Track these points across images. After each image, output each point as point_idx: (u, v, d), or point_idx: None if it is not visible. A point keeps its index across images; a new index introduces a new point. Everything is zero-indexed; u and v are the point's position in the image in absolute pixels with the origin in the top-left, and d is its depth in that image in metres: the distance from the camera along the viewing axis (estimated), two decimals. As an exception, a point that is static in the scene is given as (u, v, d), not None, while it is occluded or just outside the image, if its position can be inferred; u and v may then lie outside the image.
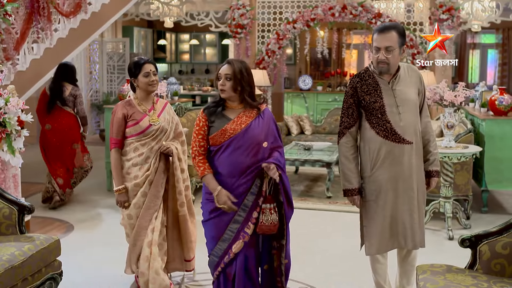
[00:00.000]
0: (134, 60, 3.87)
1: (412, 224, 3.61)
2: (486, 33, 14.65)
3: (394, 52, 3.46)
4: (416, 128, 3.59)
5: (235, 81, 3.33)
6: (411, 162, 3.57)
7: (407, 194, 3.58)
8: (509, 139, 6.32)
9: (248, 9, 10.01)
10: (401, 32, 3.51)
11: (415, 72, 3.66)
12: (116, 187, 3.82)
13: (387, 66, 3.49)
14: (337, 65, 14.11)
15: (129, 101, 3.90)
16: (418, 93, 3.64)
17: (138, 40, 13.81)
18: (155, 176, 3.82)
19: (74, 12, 8.03)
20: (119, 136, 3.82)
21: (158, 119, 3.87)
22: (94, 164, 9.09)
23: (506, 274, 3.23)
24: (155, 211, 3.83)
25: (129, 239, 3.96)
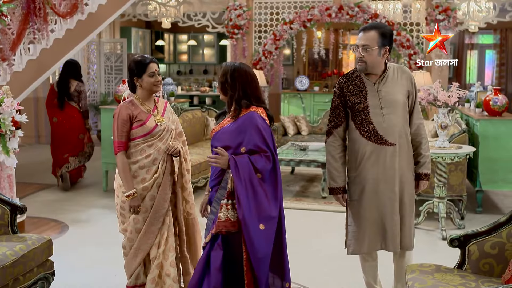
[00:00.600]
0: (138, 59, 3.69)
1: (392, 226, 3.59)
2: (484, 33, 14.68)
3: (372, 51, 3.46)
4: (401, 130, 3.56)
5: (220, 85, 3.43)
6: (394, 164, 3.56)
7: (387, 196, 3.58)
8: (503, 139, 6.34)
9: (245, 9, 10.03)
10: (383, 33, 3.49)
11: (405, 74, 3.62)
12: (128, 192, 3.58)
13: (364, 64, 3.51)
14: (335, 65, 14.14)
15: (132, 101, 3.71)
16: (408, 95, 3.59)
17: (136, 40, 13.83)
18: (163, 178, 3.68)
19: (70, 13, 8.04)
20: (125, 139, 3.62)
21: (163, 118, 3.74)
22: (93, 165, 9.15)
23: (494, 273, 3.24)
24: (163, 214, 3.69)
25: (131, 244, 3.72)
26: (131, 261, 3.74)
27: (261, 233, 3.24)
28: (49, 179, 8.15)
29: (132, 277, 3.76)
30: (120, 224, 3.79)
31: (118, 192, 3.72)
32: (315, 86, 10.87)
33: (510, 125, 6.35)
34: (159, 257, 3.68)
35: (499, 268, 3.24)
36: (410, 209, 3.66)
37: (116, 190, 3.75)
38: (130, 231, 3.71)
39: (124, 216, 3.73)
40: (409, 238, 3.66)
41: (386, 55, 3.53)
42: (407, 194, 3.63)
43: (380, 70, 3.56)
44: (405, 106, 3.59)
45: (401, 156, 3.57)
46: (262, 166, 3.27)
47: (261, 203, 3.25)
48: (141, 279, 3.76)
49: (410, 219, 3.66)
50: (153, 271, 3.67)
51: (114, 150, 3.65)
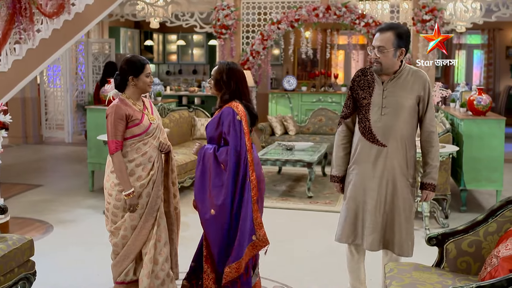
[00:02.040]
0: (135, 59, 3.74)
1: (371, 225, 3.62)
2: (471, 33, 14.77)
3: (387, 53, 3.47)
4: (397, 133, 3.54)
5: (215, 82, 3.70)
6: (381, 165, 3.57)
7: (369, 194, 3.61)
8: (487, 138, 6.39)
9: (232, 9, 10.04)
10: (399, 34, 3.48)
11: (420, 79, 3.55)
12: (127, 191, 3.63)
13: (379, 65, 3.52)
14: (323, 65, 14.17)
15: (124, 100, 3.73)
16: (419, 100, 3.55)
17: (124, 40, 13.80)
18: (157, 175, 3.76)
19: (57, 13, 8.02)
20: (120, 138, 3.65)
21: (154, 117, 3.82)
22: (80, 165, 9.14)
23: (471, 271, 3.28)
24: (156, 210, 3.76)
25: (124, 242, 3.76)
26: (124, 258, 3.77)
27: (211, 217, 3.59)
28: (35, 180, 8.13)
29: (122, 274, 3.79)
30: (110, 223, 3.80)
31: (111, 191, 3.72)
32: (302, 86, 10.88)
33: (493, 124, 6.40)
34: (150, 252, 3.72)
35: (476, 266, 3.27)
36: (405, 214, 3.64)
37: (109, 189, 3.73)
38: (125, 229, 3.73)
39: (116, 215, 3.75)
40: (406, 244, 3.66)
41: (402, 57, 3.52)
42: (401, 198, 3.61)
43: (390, 70, 3.56)
44: (411, 110, 3.54)
45: (392, 158, 3.56)
46: (223, 159, 3.57)
47: (214, 190, 3.58)
48: (130, 276, 3.80)
49: (407, 225, 3.65)
50: (147, 266, 3.71)
51: (109, 150, 3.65)
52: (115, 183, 3.70)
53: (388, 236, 3.67)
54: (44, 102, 12.11)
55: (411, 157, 3.61)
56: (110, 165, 3.77)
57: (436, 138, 3.62)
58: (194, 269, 3.87)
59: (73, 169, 9.04)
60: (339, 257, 4.63)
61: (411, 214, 3.70)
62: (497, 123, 6.39)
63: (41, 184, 7.84)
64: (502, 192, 6.58)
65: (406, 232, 3.65)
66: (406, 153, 3.58)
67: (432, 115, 3.59)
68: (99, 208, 6.57)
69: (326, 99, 10.43)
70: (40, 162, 9.84)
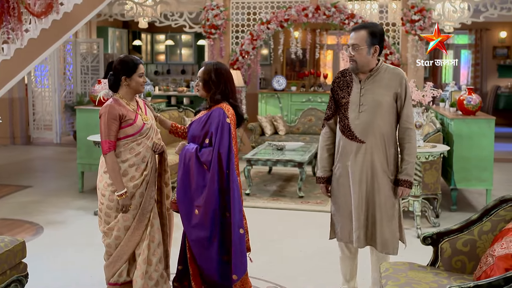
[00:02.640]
0: (128, 59, 3.71)
1: (356, 222, 3.65)
2: (459, 33, 14.85)
3: (361, 50, 3.54)
4: (376, 130, 3.59)
5: (204, 83, 3.69)
6: (361, 161, 3.61)
7: (354, 190, 3.66)
8: (477, 138, 6.42)
9: (222, 9, 10.03)
10: (372, 32, 3.56)
11: (397, 76, 3.61)
12: (119, 192, 3.61)
13: (355, 63, 3.59)
14: (312, 65, 14.19)
15: (118, 100, 3.71)
16: (397, 97, 3.60)
17: (113, 40, 13.73)
18: (150, 175, 3.75)
19: (45, 13, 7.97)
20: (114, 138, 3.64)
21: (147, 117, 3.80)
22: (69, 166, 9.07)
23: (466, 270, 3.29)
24: (150, 211, 3.74)
25: (118, 242, 3.73)
26: (117, 259, 3.74)
27: (194, 217, 3.61)
28: (24, 181, 8.06)
29: (115, 275, 3.76)
30: (103, 224, 3.76)
31: (104, 191, 3.69)
32: (292, 86, 10.89)
33: (483, 124, 6.44)
34: (143, 252, 3.70)
35: (471, 265, 3.28)
36: (387, 212, 3.65)
37: (102, 189, 3.69)
38: (118, 229, 3.70)
39: (109, 215, 3.72)
40: (389, 242, 3.67)
41: (376, 54, 3.58)
42: (382, 195, 3.64)
43: (366, 68, 3.61)
44: (388, 107, 3.59)
45: (370, 154, 3.60)
46: (205, 159, 3.59)
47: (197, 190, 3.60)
48: (124, 277, 3.78)
49: (389, 222, 3.66)
50: (140, 267, 3.69)
51: (102, 150, 3.63)
52: (108, 184, 3.68)
53: (371, 233, 3.69)
54: (32, 102, 12.01)
55: (392, 154, 3.65)
56: (103, 165, 3.74)
57: (413, 135, 3.65)
58: (183, 272, 3.85)
59: (62, 169, 8.97)
60: (332, 256, 4.63)
61: (394, 211, 3.70)
62: (487, 123, 6.43)
63: (30, 185, 7.77)
64: (492, 191, 6.62)
65: (389, 230, 3.66)
66: (386, 150, 3.62)
67: (409, 112, 3.63)
68: (89, 209, 6.53)
69: (315, 99, 10.44)
70: (28, 162, 9.76)
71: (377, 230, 3.66)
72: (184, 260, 3.81)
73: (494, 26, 14.46)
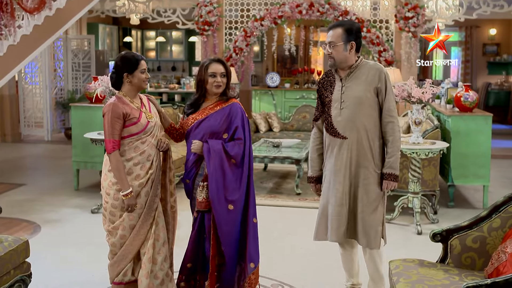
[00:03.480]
0: (129, 55, 3.65)
1: (334, 217, 3.66)
2: (449, 30, 14.90)
3: (337, 47, 3.59)
4: (358, 125, 3.61)
5: (227, 79, 3.73)
6: (345, 157, 3.64)
7: (336, 187, 3.67)
8: (474, 135, 6.45)
9: (215, 6, 9.97)
10: (348, 29, 3.62)
11: (375, 71, 3.64)
12: (125, 191, 3.56)
13: (333, 60, 3.64)
14: (304, 62, 14.18)
15: (121, 98, 3.65)
16: (377, 92, 3.62)
17: (103, 37, 13.62)
18: (156, 174, 3.70)
19: (38, 9, 7.86)
20: (118, 137, 3.58)
21: (152, 114, 3.73)
22: (62, 163, 8.99)
23: (476, 267, 3.30)
24: (154, 209, 3.70)
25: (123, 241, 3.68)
26: (122, 259, 3.69)
27: (228, 212, 3.61)
28: (17, 179, 7.97)
29: (120, 274, 3.71)
30: (108, 223, 3.70)
31: (109, 190, 3.63)
32: (286, 83, 10.88)
33: (480, 121, 6.47)
34: (148, 251, 3.65)
35: (480, 261, 3.29)
36: (369, 206, 3.65)
37: (107, 188, 3.64)
38: (123, 228, 3.65)
39: (114, 214, 3.66)
40: (371, 237, 3.65)
41: (352, 50, 3.62)
42: (365, 189, 3.65)
43: (344, 65, 3.65)
44: (370, 102, 3.62)
45: (353, 149, 3.63)
46: (235, 153, 3.61)
47: (230, 185, 3.61)
48: (128, 276, 3.73)
49: (371, 217, 3.64)
50: (145, 266, 3.64)
51: (106, 150, 3.58)
52: (113, 182, 3.62)
53: (352, 226, 3.70)
54: (23, 99, 11.88)
55: (377, 148, 3.66)
56: (107, 163, 3.68)
57: (396, 128, 3.64)
58: (193, 270, 3.82)
59: (55, 167, 8.89)
60: (334, 254, 4.61)
61: (378, 205, 3.68)
62: (484, 120, 6.46)
63: (24, 183, 7.69)
64: (489, 188, 6.66)
65: (371, 225, 3.65)
66: (370, 144, 3.64)
67: (390, 106, 3.64)
68: (86, 208, 6.47)
69: (309, 96, 10.44)
70: (20, 160, 9.65)
71: (359, 224, 3.66)
72: (196, 258, 3.79)
73: (484, 23, 14.54)
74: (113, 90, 6.19)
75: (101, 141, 6.16)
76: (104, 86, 6.20)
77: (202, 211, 3.73)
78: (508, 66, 14.96)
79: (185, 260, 3.81)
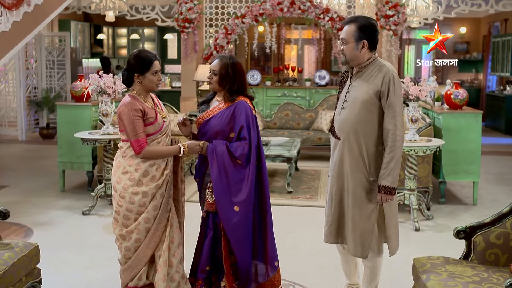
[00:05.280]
0: (142, 55, 3.52)
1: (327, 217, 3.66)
2: (420, 29, 15.12)
3: (348, 44, 3.48)
4: (352, 127, 3.48)
5: (220, 77, 3.63)
6: (337, 157, 3.58)
7: (329, 188, 3.68)
8: (464, 131, 6.53)
9: (195, 3, 9.86)
10: (360, 26, 3.46)
11: (381, 73, 3.45)
12: (181, 152, 3.57)
13: (344, 57, 3.55)
14: (277, 60, 14.18)
15: (135, 97, 3.55)
16: (379, 95, 3.45)
17: (75, 34, 13.32)
18: (170, 174, 3.62)
19: (16, 5, 7.63)
20: (144, 135, 3.47)
21: (164, 113, 3.66)
22: (43, 164, 8.75)
23: (500, 263, 3.32)
24: (168, 211, 3.62)
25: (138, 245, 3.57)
26: (137, 263, 3.59)
27: (235, 214, 3.55)
28: (0, 180, 7.71)
29: (135, 279, 3.61)
30: (120, 227, 3.57)
31: (124, 194, 3.50)
32: (267, 81, 10.84)
33: (470, 118, 6.56)
34: (164, 254, 3.57)
35: (504, 257, 3.32)
36: (359, 213, 3.50)
37: (121, 191, 3.50)
38: (138, 232, 3.55)
39: (128, 218, 3.54)
40: (358, 245, 3.51)
41: (364, 49, 3.46)
42: (351, 194, 3.53)
43: (355, 63, 3.54)
44: (368, 105, 3.46)
45: (345, 152, 3.52)
46: (240, 154, 3.56)
47: (235, 187, 3.56)
48: (143, 280, 3.63)
49: (360, 224, 3.50)
50: (162, 270, 3.55)
51: (135, 152, 3.47)
52: (128, 185, 3.51)
53: (342, 230, 3.62)
54: (-5, 98, 11.55)
55: (372, 154, 3.49)
56: (120, 165, 3.56)
57: (395, 137, 3.40)
58: (211, 272, 3.76)
59: (36, 168, 8.64)
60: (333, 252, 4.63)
61: (371, 214, 3.51)
62: (474, 117, 6.56)
63: (6, 185, 7.45)
64: (479, 184, 6.78)
65: (356, 232, 3.51)
66: (361, 150, 3.49)
67: (392, 113, 3.42)
68: (75, 209, 6.32)
69: (291, 93, 10.43)
70: (-4, 161, 9.37)
71: (346, 229, 3.58)
72: (212, 260, 3.73)
73: (454, 21, 14.80)
74: (104, 89, 6.08)
75: (93, 141, 6.02)
76: (95, 84, 6.06)
77: (211, 212, 3.69)
78: (478, 64, 15.28)
79: (202, 262, 3.73)
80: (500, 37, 13.60)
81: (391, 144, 3.41)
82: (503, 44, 13.22)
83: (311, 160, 9.19)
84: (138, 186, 3.50)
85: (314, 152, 9.75)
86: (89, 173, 7.11)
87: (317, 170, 8.41)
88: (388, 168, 3.41)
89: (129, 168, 3.51)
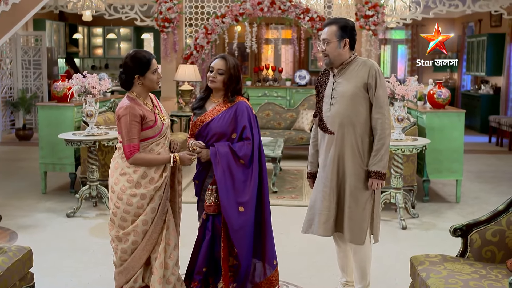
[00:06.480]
0: (139, 56, 3.49)
1: (320, 211, 3.70)
2: (396, 29, 15.31)
3: (331, 44, 3.62)
4: (344, 120, 3.62)
5: (228, 77, 3.62)
6: (331, 152, 3.68)
7: (323, 182, 3.72)
8: (447, 130, 6.62)
9: (175, 2, 9.80)
10: (341, 26, 3.63)
11: (365, 67, 3.63)
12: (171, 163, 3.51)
13: (327, 58, 3.67)
14: (254, 59, 14.18)
15: (135, 100, 3.49)
16: (367, 88, 3.61)
17: (50, 33, 13.12)
18: (168, 176, 3.58)
19: (-6, 3, 7.49)
20: (137, 141, 3.42)
21: (163, 115, 3.62)
22: (21, 165, 8.58)
23: (496, 260, 3.37)
24: (165, 213, 3.58)
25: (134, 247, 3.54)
26: (133, 265, 3.55)
27: (239, 214, 3.56)
28: (-23, 183, 7.56)
29: (130, 281, 3.56)
30: (117, 229, 3.52)
31: (122, 195, 3.45)
32: (247, 81, 10.83)
33: (454, 117, 6.65)
34: (160, 256, 3.54)
35: (500, 254, 3.37)
36: (355, 202, 3.66)
37: (119, 193, 3.46)
38: (136, 234, 3.50)
39: (125, 219, 3.49)
40: (355, 232, 3.66)
41: (346, 47, 3.63)
42: (349, 186, 3.67)
43: (338, 62, 3.67)
44: (358, 98, 3.62)
45: (340, 145, 3.65)
46: (244, 154, 3.57)
47: (239, 187, 3.56)
48: (139, 282, 3.58)
49: (357, 212, 3.65)
50: (158, 272, 3.52)
51: (125, 156, 3.43)
52: (127, 187, 3.46)
53: (340, 220, 3.72)
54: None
55: (366, 144, 3.67)
56: (117, 167, 3.52)
57: (383, 125, 3.61)
58: (208, 274, 3.75)
59: (15, 170, 8.47)
60: (328, 251, 4.66)
61: (366, 202, 3.68)
62: (457, 116, 6.65)
63: (-15, 188, 7.30)
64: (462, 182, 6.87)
65: (356, 220, 3.65)
66: (357, 141, 3.64)
67: (379, 103, 3.61)
68: (59, 211, 6.22)
69: (271, 93, 10.43)
70: (-28, 163, 9.16)
71: (345, 218, 3.68)
72: (210, 261, 3.72)
73: (430, 22, 14.97)
74: (89, 89, 5.99)
75: (77, 142, 5.92)
76: (80, 84, 5.97)
77: (211, 215, 3.68)
78: (452, 64, 15.47)
79: (199, 264, 3.71)
80: (474, 37, 13.82)
81: (380, 132, 3.61)
82: (477, 44, 13.44)
83: (293, 159, 9.21)
84: (137, 188, 3.46)
85: (296, 152, 9.76)
86: (72, 175, 7.00)
87: (299, 169, 8.42)
88: (379, 155, 3.61)
89: (127, 169, 3.47)
